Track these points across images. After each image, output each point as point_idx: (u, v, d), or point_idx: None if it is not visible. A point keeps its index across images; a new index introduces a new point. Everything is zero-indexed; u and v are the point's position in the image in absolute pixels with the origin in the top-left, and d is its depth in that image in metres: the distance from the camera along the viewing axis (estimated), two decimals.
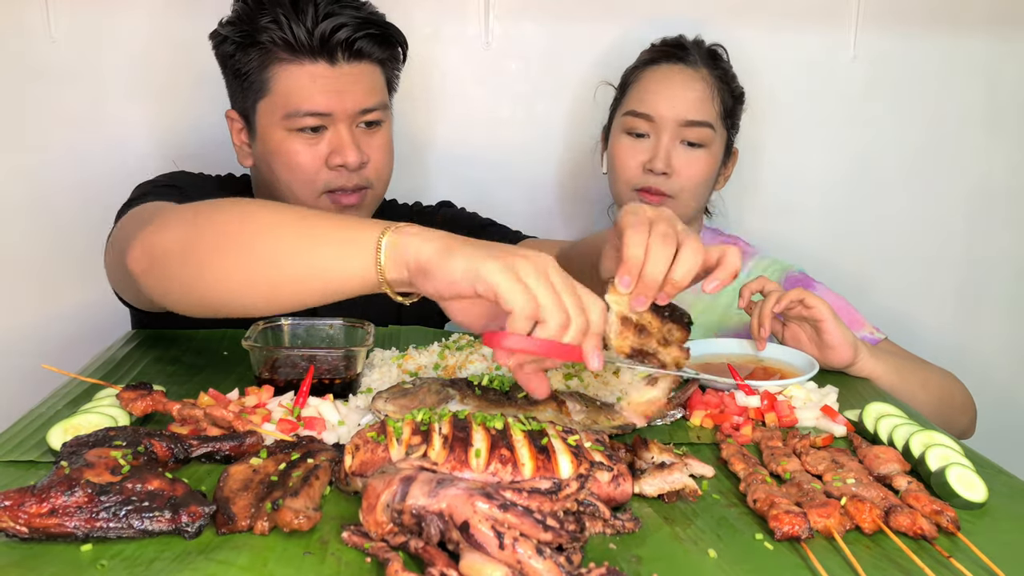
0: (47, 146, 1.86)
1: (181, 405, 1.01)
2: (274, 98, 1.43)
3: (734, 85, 1.70)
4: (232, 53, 1.44)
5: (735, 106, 1.70)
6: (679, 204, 1.64)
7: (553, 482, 0.78)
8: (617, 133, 1.69)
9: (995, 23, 1.96)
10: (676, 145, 1.62)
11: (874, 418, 1.06)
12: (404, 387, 1.08)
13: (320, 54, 1.40)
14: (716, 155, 1.66)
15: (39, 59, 1.83)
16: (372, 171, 1.49)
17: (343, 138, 1.44)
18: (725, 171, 1.74)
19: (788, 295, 1.31)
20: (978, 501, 0.87)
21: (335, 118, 1.44)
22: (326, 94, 1.42)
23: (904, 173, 2.02)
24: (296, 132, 1.44)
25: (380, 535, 0.75)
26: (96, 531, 0.75)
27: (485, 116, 1.97)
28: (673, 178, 1.62)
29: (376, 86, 1.48)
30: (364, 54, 1.44)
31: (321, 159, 1.45)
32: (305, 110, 1.42)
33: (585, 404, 1.06)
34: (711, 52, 1.69)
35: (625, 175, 1.66)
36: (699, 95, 1.63)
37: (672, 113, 1.61)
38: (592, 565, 0.70)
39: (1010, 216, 2.06)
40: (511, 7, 1.91)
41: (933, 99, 1.99)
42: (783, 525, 0.79)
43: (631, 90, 1.69)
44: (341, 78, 1.43)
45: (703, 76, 1.64)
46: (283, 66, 1.42)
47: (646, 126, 1.64)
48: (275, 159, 1.47)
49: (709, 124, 1.63)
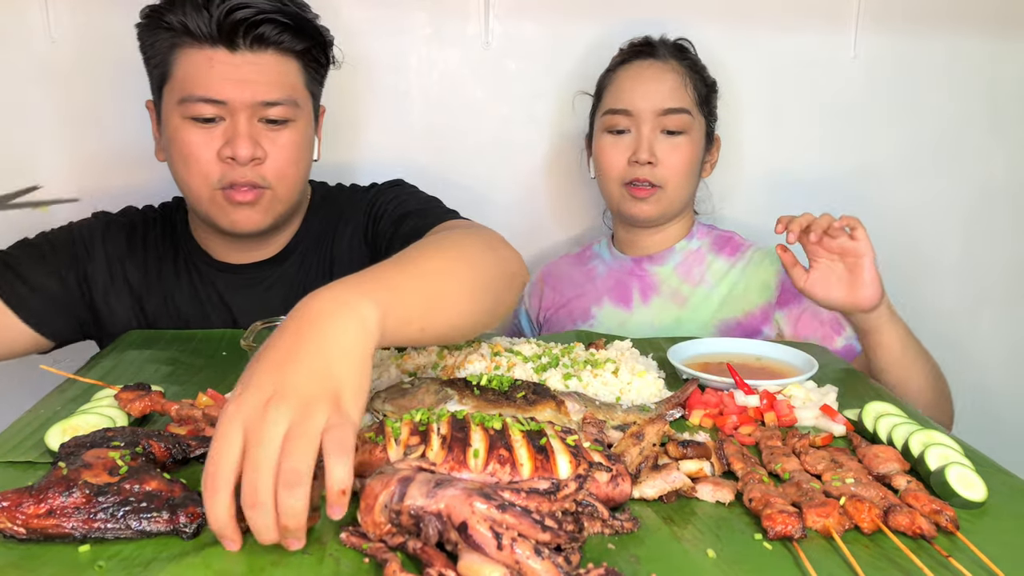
0: (46, 146, 1.86)
1: (179, 405, 1.01)
2: (173, 83, 1.38)
3: (705, 75, 1.74)
4: (143, 37, 1.41)
5: (709, 94, 1.74)
6: (668, 194, 1.67)
7: (551, 482, 0.78)
8: (599, 134, 1.72)
9: (995, 23, 1.96)
10: (657, 135, 1.66)
11: (873, 417, 1.05)
12: (403, 387, 1.08)
13: (219, 38, 1.34)
14: (697, 142, 1.69)
15: (39, 59, 1.83)
16: (270, 171, 1.40)
17: (237, 129, 1.36)
18: (710, 158, 1.77)
19: (839, 220, 1.36)
20: (977, 500, 0.87)
21: (232, 108, 1.36)
22: (222, 81, 1.35)
23: (904, 173, 2.02)
24: (191, 120, 1.37)
25: (378, 536, 0.75)
26: (94, 532, 0.75)
27: (485, 116, 1.97)
28: (659, 168, 1.65)
29: (285, 80, 1.40)
30: (269, 42, 1.36)
31: (214, 151, 1.37)
32: (198, 95, 1.35)
33: (584, 404, 1.06)
34: (677, 46, 1.74)
35: (612, 172, 1.69)
36: (672, 84, 1.67)
37: (649, 104, 1.65)
38: (591, 565, 0.70)
39: (1010, 216, 2.06)
40: (511, 7, 1.91)
41: (933, 99, 1.99)
42: (776, 525, 0.79)
43: (607, 92, 1.73)
44: (242, 66, 1.36)
45: (673, 67, 1.69)
46: (184, 50, 1.36)
47: (626, 121, 1.67)
48: (172, 148, 1.41)
49: (686, 110, 1.66)
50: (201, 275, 1.56)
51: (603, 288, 1.76)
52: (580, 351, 1.28)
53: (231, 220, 1.43)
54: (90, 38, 1.83)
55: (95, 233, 1.55)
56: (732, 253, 1.74)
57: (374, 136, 1.95)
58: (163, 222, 1.60)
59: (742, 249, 1.75)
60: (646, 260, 1.76)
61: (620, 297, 1.74)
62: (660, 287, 1.73)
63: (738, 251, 1.75)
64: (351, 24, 1.85)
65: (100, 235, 1.55)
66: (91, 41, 1.83)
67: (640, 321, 1.71)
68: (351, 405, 0.78)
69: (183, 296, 1.55)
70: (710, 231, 1.79)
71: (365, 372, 0.81)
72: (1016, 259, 2.08)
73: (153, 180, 1.81)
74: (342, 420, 0.75)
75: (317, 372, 0.78)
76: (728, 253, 1.75)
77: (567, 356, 1.25)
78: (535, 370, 1.18)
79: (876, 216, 2.02)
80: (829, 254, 1.40)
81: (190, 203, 1.48)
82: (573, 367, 1.20)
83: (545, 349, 1.27)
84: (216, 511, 0.72)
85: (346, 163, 1.91)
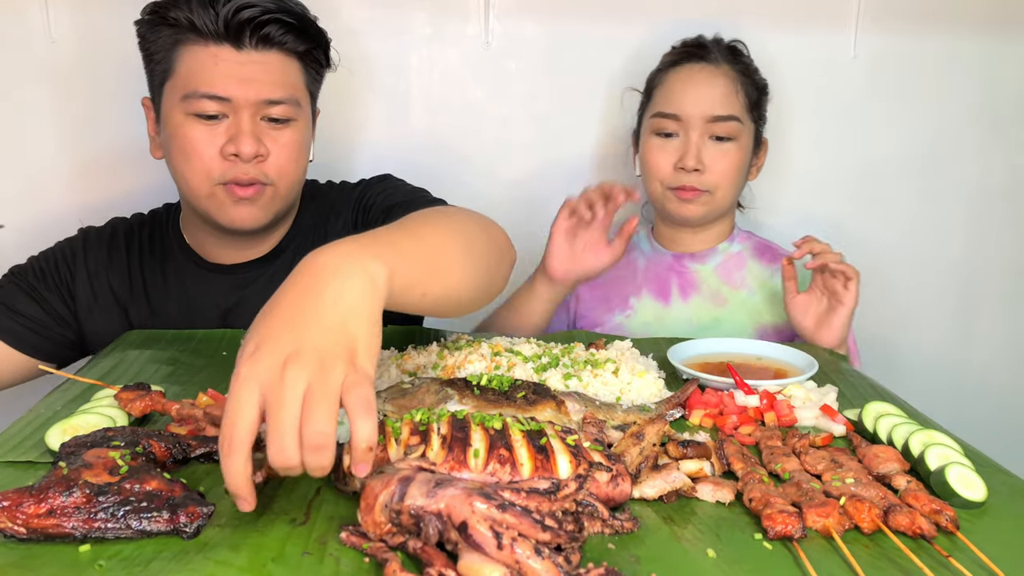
0: (47, 146, 1.86)
1: (180, 405, 1.01)
2: (176, 79, 1.39)
3: (757, 78, 1.74)
4: (145, 34, 1.42)
5: (760, 98, 1.74)
6: (715, 199, 1.68)
7: (552, 482, 0.78)
8: (647, 136, 1.72)
9: (995, 23, 1.96)
10: (705, 141, 1.66)
11: (873, 417, 1.05)
12: (403, 387, 1.08)
13: (225, 36, 1.35)
14: (745, 147, 1.70)
15: (39, 59, 1.83)
16: (272, 168, 1.42)
17: (241, 126, 1.38)
18: (757, 161, 1.78)
19: (842, 265, 1.48)
20: (977, 500, 0.87)
21: (236, 105, 1.37)
22: (227, 78, 1.36)
23: (903, 173, 2.02)
24: (194, 117, 1.38)
25: (378, 535, 0.75)
26: (94, 531, 0.75)
27: (485, 116, 1.97)
28: (706, 174, 1.65)
29: (287, 80, 1.42)
30: (274, 42, 1.38)
31: (217, 147, 1.38)
32: (203, 92, 1.36)
33: (584, 404, 1.06)
34: (731, 48, 1.73)
35: (658, 175, 1.69)
36: (723, 90, 1.66)
37: (698, 110, 1.65)
38: (591, 565, 0.70)
39: (1010, 216, 2.06)
40: (511, 7, 1.91)
41: (933, 99, 1.99)
42: (776, 524, 0.79)
43: (657, 93, 1.73)
44: (247, 65, 1.37)
45: (725, 72, 1.68)
46: (189, 46, 1.37)
47: (674, 125, 1.67)
48: (172, 144, 1.41)
49: (736, 118, 1.66)
50: (191, 277, 1.56)
51: (643, 280, 1.77)
52: (580, 351, 1.28)
53: (230, 217, 1.44)
54: (90, 38, 1.83)
55: (76, 250, 1.56)
56: (772, 261, 1.76)
57: (374, 136, 1.95)
58: (151, 227, 1.61)
59: (780, 259, 1.74)
60: (687, 257, 1.77)
61: (659, 291, 1.75)
62: (700, 286, 1.75)
63: (778, 260, 1.75)
64: (351, 24, 1.85)
65: (81, 251, 1.56)
66: (91, 41, 1.83)
67: (678, 317, 1.72)
68: (365, 361, 0.78)
69: (171, 299, 1.55)
70: (750, 236, 1.81)
71: (377, 328, 0.81)
72: (1015, 258, 2.08)
73: (153, 180, 1.81)
74: (360, 377, 0.76)
75: (332, 328, 0.78)
76: (768, 260, 1.76)
77: (567, 356, 1.25)
78: (535, 370, 1.18)
79: (876, 216, 2.03)
80: (822, 288, 1.53)
81: (188, 200, 1.48)
82: (573, 367, 1.20)
83: (545, 349, 1.27)
84: (233, 472, 0.74)
85: (346, 163, 1.91)
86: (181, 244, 1.58)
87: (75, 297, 1.54)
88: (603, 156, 2.00)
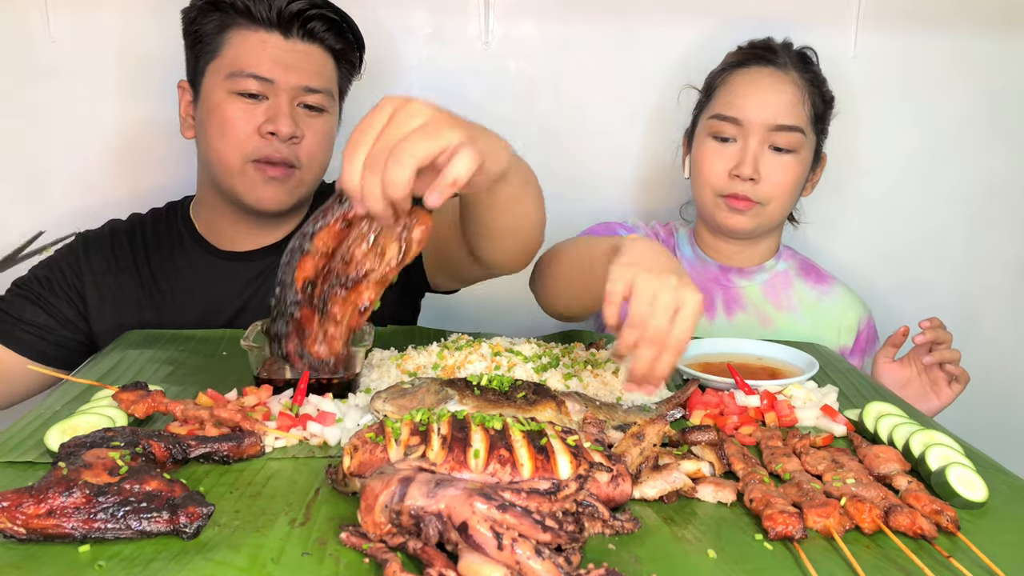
0: (47, 146, 1.86)
1: (183, 405, 1.01)
2: (222, 60, 1.47)
3: (824, 89, 1.67)
4: (195, 17, 1.49)
5: (826, 110, 1.67)
6: (766, 212, 1.61)
7: (552, 482, 0.78)
8: (702, 137, 1.64)
9: (995, 23, 1.96)
10: (764, 150, 1.58)
11: (874, 418, 1.05)
12: (403, 387, 1.07)
13: (276, 25, 1.46)
14: (805, 161, 1.62)
15: (39, 59, 1.82)
16: (304, 151, 1.50)
17: (280, 107, 1.46)
18: (813, 177, 1.70)
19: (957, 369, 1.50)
20: (978, 501, 0.87)
21: (277, 88, 1.46)
22: (272, 62, 1.46)
23: (904, 173, 2.02)
24: (235, 95, 1.46)
25: (378, 536, 0.75)
26: (94, 532, 0.75)
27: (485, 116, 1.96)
28: (760, 184, 1.58)
29: (325, 72, 1.52)
30: (316, 36, 1.49)
31: (254, 125, 1.46)
32: (249, 71, 1.45)
33: (585, 404, 1.06)
34: (801, 55, 1.66)
35: (711, 181, 1.61)
36: (789, 98, 1.59)
37: (761, 117, 1.57)
38: (591, 566, 0.70)
39: (1011, 216, 2.05)
40: (511, 7, 1.91)
41: (933, 99, 1.99)
42: (776, 525, 0.79)
43: (717, 93, 1.65)
44: (291, 53, 1.47)
45: (793, 79, 1.61)
46: (238, 31, 1.47)
47: (733, 130, 1.59)
48: (210, 120, 1.48)
49: (799, 129, 1.59)
50: (204, 265, 1.58)
51: None
52: (580, 351, 1.28)
53: (257, 196, 1.50)
54: (90, 38, 1.83)
55: (78, 254, 1.58)
56: (818, 282, 1.73)
57: None
58: (153, 224, 1.63)
59: (828, 282, 1.74)
60: (734, 272, 1.70)
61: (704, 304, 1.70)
62: (746, 304, 1.69)
63: (824, 282, 1.73)
64: None
65: (83, 253, 1.58)
66: (91, 41, 1.83)
67: (722, 333, 1.61)
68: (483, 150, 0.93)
69: (184, 289, 1.57)
70: (794, 255, 1.76)
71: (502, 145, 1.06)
72: (1016, 258, 2.07)
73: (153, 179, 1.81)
74: (475, 149, 0.91)
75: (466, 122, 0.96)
76: (814, 280, 1.73)
77: (567, 356, 1.25)
78: (535, 370, 1.18)
79: (877, 215, 2.03)
80: (923, 370, 1.53)
81: (217, 176, 1.52)
82: (573, 367, 1.20)
83: (545, 349, 1.27)
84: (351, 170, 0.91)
85: None
86: (193, 234, 1.61)
87: (84, 298, 1.56)
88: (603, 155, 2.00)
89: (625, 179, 2.01)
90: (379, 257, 0.99)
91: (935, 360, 1.48)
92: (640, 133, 1.98)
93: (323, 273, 0.99)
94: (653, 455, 0.91)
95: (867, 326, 1.73)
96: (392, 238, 0.99)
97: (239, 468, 0.92)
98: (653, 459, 0.91)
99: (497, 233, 1.21)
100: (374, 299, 1.01)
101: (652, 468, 0.89)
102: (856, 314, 1.71)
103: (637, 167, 2.01)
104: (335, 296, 0.99)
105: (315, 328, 0.99)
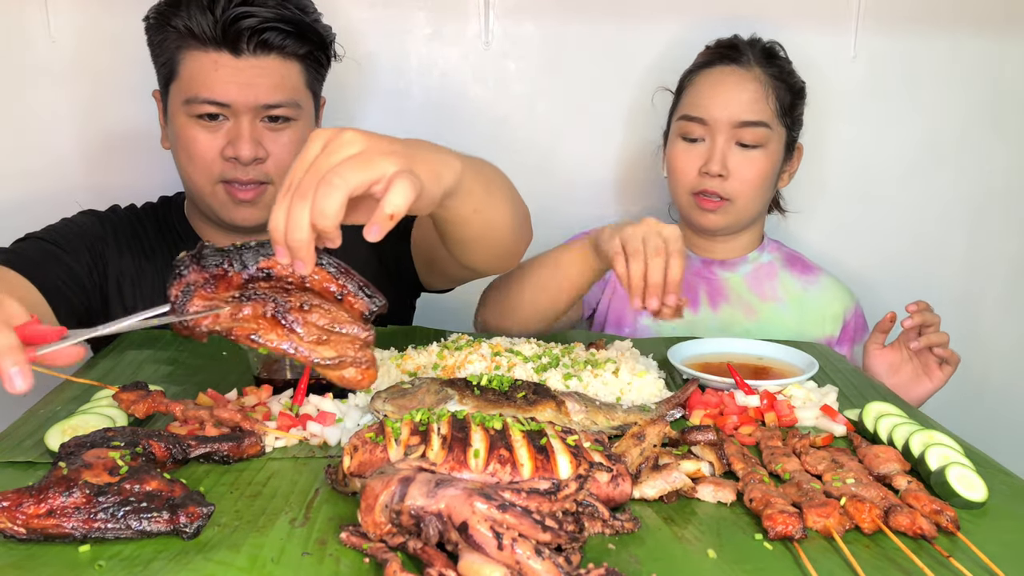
0: (47, 146, 1.86)
1: (184, 405, 1.01)
2: (180, 82, 1.43)
3: (792, 81, 1.69)
4: (152, 36, 1.46)
5: (794, 101, 1.69)
6: (736, 209, 1.64)
7: (552, 482, 0.78)
8: (673, 138, 1.69)
9: (995, 23, 1.95)
10: (731, 147, 1.62)
11: (874, 417, 1.05)
12: (403, 387, 1.07)
13: (223, 43, 1.38)
14: (774, 154, 1.65)
15: (39, 59, 1.82)
16: (273, 166, 1.45)
17: (240, 130, 1.42)
18: (789, 167, 1.73)
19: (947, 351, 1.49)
20: (978, 501, 0.87)
21: (236, 109, 1.41)
22: (226, 84, 1.40)
23: (904, 173, 2.02)
24: (195, 119, 1.42)
25: (378, 536, 0.75)
26: (94, 532, 0.75)
27: (485, 116, 1.97)
28: (729, 180, 1.61)
29: (287, 82, 1.44)
30: (273, 47, 1.41)
31: (217, 149, 1.43)
32: (203, 97, 1.41)
33: (584, 404, 1.06)
34: (766, 50, 1.68)
35: (682, 179, 1.66)
36: (752, 95, 1.62)
37: (725, 115, 1.61)
38: (591, 566, 0.70)
39: (1011, 216, 2.05)
40: (511, 7, 1.91)
41: (933, 99, 1.99)
42: (776, 525, 0.79)
43: (685, 94, 1.69)
44: (246, 70, 1.40)
45: (756, 76, 1.64)
46: (190, 52, 1.41)
47: (701, 130, 1.63)
48: (177, 142, 1.47)
49: (764, 123, 1.62)
50: None
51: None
52: (580, 351, 1.28)
53: (231, 216, 1.49)
54: (90, 38, 1.83)
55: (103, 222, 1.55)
56: (803, 272, 1.74)
57: None
58: (149, 220, 1.61)
59: (814, 272, 1.75)
60: (716, 264, 1.73)
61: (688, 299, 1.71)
62: (730, 295, 1.71)
63: (809, 272, 1.74)
64: (351, 24, 1.85)
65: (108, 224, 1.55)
66: (91, 41, 1.83)
67: (707, 326, 1.68)
68: (422, 174, 0.89)
69: None
70: (780, 247, 1.78)
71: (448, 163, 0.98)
72: (1016, 258, 2.07)
73: (153, 178, 1.80)
74: (412, 176, 0.86)
75: (405, 144, 0.92)
76: (799, 271, 1.75)
77: (567, 356, 1.25)
78: (535, 370, 1.17)
79: (878, 215, 2.03)
80: (912, 354, 1.51)
81: (193, 196, 1.53)
82: (573, 367, 1.20)
83: (545, 349, 1.27)
84: (279, 207, 0.85)
85: None
86: (188, 233, 1.60)
87: (106, 262, 1.51)
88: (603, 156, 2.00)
89: (626, 179, 2.01)
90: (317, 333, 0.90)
91: (924, 344, 1.48)
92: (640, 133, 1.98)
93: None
94: (653, 455, 0.91)
95: (855, 315, 1.74)
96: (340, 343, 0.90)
97: (239, 468, 0.92)
98: (653, 459, 0.91)
99: (466, 242, 1.18)
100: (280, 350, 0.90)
101: (652, 468, 0.89)
102: (842, 304, 1.72)
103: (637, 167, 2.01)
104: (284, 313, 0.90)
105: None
